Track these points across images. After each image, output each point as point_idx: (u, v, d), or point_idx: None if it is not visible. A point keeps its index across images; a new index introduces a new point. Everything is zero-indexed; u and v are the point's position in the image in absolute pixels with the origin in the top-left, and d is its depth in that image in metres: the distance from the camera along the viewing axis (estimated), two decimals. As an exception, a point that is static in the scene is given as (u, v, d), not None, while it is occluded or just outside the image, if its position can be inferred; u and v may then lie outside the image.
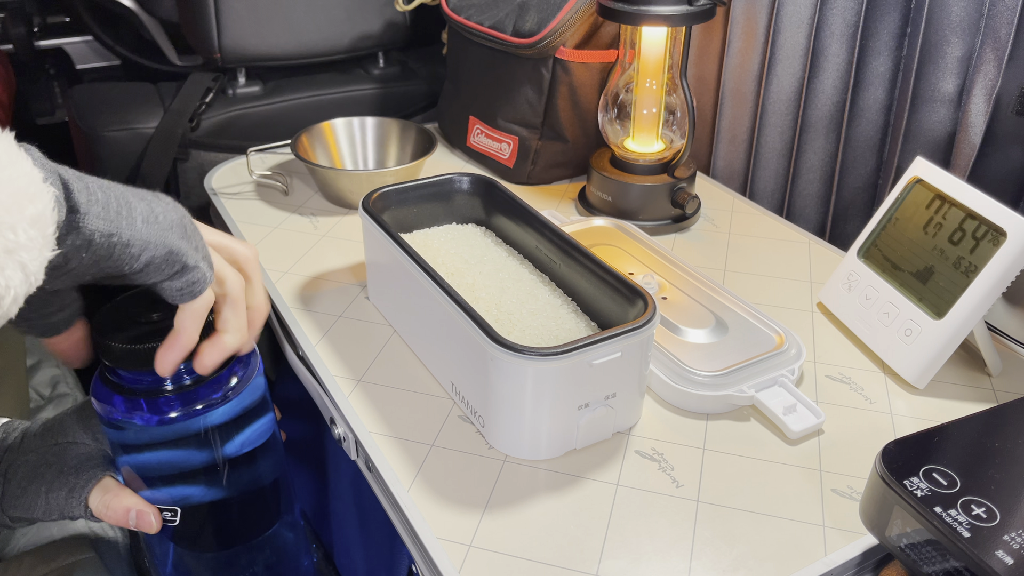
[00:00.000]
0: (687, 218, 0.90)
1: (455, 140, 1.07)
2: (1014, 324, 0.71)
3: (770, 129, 0.96)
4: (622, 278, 0.60)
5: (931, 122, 0.84)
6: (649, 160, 0.89)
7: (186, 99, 1.13)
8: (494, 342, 0.53)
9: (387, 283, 0.71)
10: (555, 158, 0.98)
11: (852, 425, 0.62)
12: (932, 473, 0.45)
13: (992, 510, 0.42)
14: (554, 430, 0.57)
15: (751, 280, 0.80)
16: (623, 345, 0.55)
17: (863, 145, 0.92)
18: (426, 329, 0.65)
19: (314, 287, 0.78)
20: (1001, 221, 0.62)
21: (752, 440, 0.61)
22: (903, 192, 0.70)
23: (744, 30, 0.95)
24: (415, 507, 0.54)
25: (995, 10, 0.75)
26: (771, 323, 0.68)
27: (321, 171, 0.90)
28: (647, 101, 0.88)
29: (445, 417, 0.62)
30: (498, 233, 0.74)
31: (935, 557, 0.42)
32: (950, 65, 0.81)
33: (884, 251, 0.71)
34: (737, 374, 0.63)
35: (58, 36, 1.62)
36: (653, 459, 0.59)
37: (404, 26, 1.22)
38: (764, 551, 0.52)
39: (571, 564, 0.51)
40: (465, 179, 0.75)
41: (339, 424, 0.63)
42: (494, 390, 0.56)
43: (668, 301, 0.72)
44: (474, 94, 1.02)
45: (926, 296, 0.66)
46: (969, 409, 0.63)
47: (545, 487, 0.56)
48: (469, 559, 0.51)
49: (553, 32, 0.90)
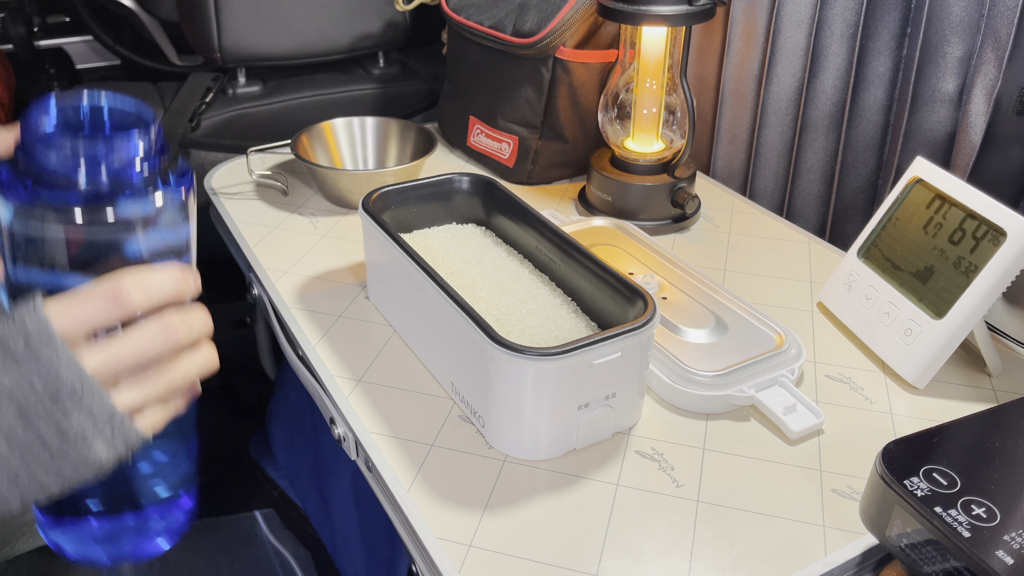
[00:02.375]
0: (687, 218, 0.90)
1: (455, 140, 1.07)
2: (1014, 324, 0.71)
3: (770, 129, 0.96)
4: (622, 278, 0.60)
5: (931, 122, 0.84)
6: (649, 160, 0.89)
7: (186, 99, 1.13)
8: (494, 342, 0.53)
9: (387, 283, 0.71)
10: (555, 158, 0.98)
11: (852, 425, 0.62)
12: (932, 473, 0.45)
13: (992, 510, 0.42)
14: (554, 430, 0.57)
15: (751, 280, 0.80)
16: (623, 345, 0.55)
17: (863, 145, 0.92)
18: (426, 329, 0.65)
19: (314, 287, 0.78)
20: (1001, 221, 0.62)
21: (752, 440, 0.61)
22: (903, 192, 0.70)
23: (744, 30, 0.95)
24: (415, 507, 0.54)
25: (995, 10, 0.75)
26: (771, 323, 0.68)
27: (321, 171, 0.90)
28: (647, 101, 0.88)
29: (445, 417, 0.62)
30: (498, 233, 0.74)
31: (935, 557, 0.42)
32: (950, 65, 0.81)
33: (884, 251, 0.71)
34: (737, 374, 0.63)
35: (58, 36, 1.62)
36: (653, 459, 0.59)
37: (404, 26, 1.22)
38: (764, 551, 0.52)
39: (571, 564, 0.51)
40: (465, 179, 0.75)
41: (339, 424, 0.63)
42: (494, 390, 0.56)
43: (668, 301, 0.72)
44: (474, 94, 1.02)
45: (926, 296, 0.66)
46: (969, 409, 0.63)
47: (545, 487, 0.56)
48: (469, 559, 0.51)
49: (553, 32, 0.90)
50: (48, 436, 0.39)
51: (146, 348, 0.41)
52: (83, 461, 0.40)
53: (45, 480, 0.40)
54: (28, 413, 0.39)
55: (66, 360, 0.39)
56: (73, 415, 0.39)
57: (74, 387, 0.39)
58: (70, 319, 0.40)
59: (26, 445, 0.39)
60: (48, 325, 0.39)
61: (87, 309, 0.40)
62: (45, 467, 0.39)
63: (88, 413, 0.40)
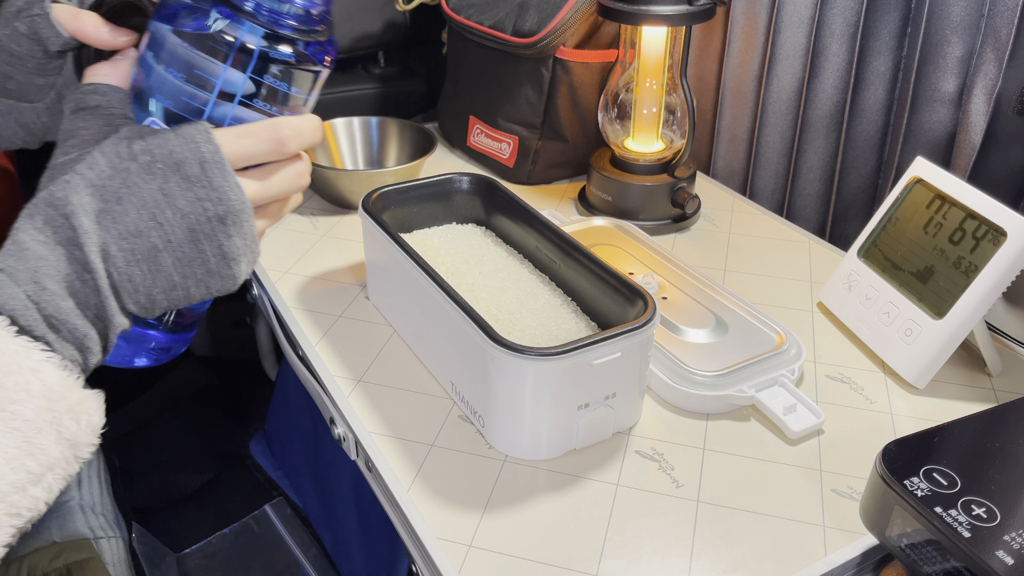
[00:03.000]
0: (687, 218, 0.90)
1: (455, 140, 1.07)
2: (1014, 324, 0.71)
3: (770, 129, 0.96)
4: (622, 278, 0.60)
5: (931, 122, 0.84)
6: (649, 160, 0.89)
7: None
8: (494, 342, 0.53)
9: (387, 283, 0.71)
10: (555, 158, 0.98)
11: (852, 425, 0.62)
12: (932, 473, 0.45)
13: (992, 510, 0.42)
14: (554, 430, 0.57)
15: (751, 280, 0.80)
16: (623, 345, 0.55)
17: (863, 145, 0.92)
18: (426, 329, 0.65)
19: (314, 287, 0.78)
20: (1001, 221, 0.62)
21: (752, 440, 0.61)
22: (903, 192, 0.70)
23: (744, 30, 0.95)
24: (415, 507, 0.54)
25: (995, 10, 0.75)
26: (771, 323, 0.68)
27: (321, 171, 0.90)
28: (647, 101, 0.88)
29: (445, 417, 0.62)
30: (498, 233, 0.74)
31: (935, 557, 0.42)
32: (950, 65, 0.81)
33: (884, 251, 0.71)
34: (737, 374, 0.63)
35: None
36: (653, 459, 0.59)
37: (404, 26, 1.22)
38: (764, 551, 0.52)
39: (571, 564, 0.51)
40: (465, 179, 0.75)
41: (339, 424, 0.63)
42: (494, 390, 0.56)
43: (668, 301, 0.72)
44: (474, 94, 1.02)
45: (926, 296, 0.66)
46: (969, 409, 0.63)
47: (545, 487, 0.56)
48: (469, 559, 0.51)
49: (553, 32, 0.90)
50: (210, 254, 0.44)
51: (284, 187, 0.47)
52: (231, 278, 0.45)
53: (195, 292, 0.44)
54: (197, 232, 0.43)
55: (235, 187, 0.43)
56: (235, 237, 0.44)
57: (239, 212, 0.43)
58: (238, 150, 0.44)
59: (188, 261, 0.43)
60: (220, 152, 0.43)
61: (251, 144, 0.44)
62: (198, 281, 0.44)
63: (244, 236, 0.44)
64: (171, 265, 0.43)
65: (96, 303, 0.41)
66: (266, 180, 0.46)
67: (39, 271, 0.39)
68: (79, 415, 0.39)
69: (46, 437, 0.37)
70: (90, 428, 0.40)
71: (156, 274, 0.43)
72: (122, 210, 0.41)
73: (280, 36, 0.45)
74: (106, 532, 0.70)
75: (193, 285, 0.44)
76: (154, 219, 0.42)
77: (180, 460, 1.19)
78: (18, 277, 0.39)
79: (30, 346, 0.38)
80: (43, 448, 0.37)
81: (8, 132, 0.56)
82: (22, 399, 0.36)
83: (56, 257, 0.40)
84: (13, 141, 0.57)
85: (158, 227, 0.42)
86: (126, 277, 0.42)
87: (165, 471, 1.16)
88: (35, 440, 0.37)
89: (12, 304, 0.38)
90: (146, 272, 0.42)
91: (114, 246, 0.41)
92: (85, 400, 0.39)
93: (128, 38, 0.51)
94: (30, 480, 0.37)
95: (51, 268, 0.39)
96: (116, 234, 0.41)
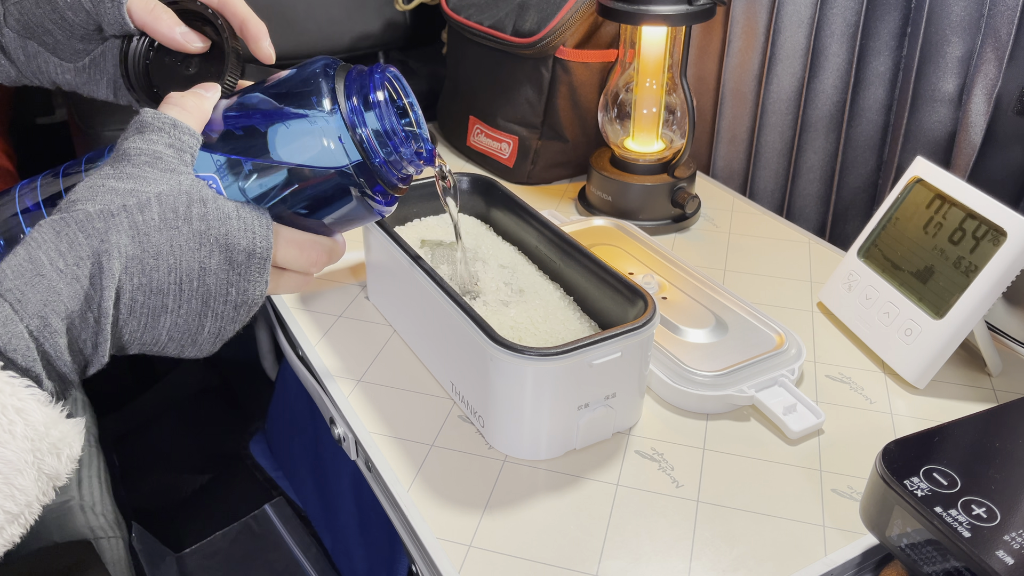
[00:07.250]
0: (687, 218, 0.90)
1: (455, 140, 1.07)
2: (1014, 324, 0.71)
3: (770, 129, 0.96)
4: (622, 278, 0.60)
5: (931, 122, 0.84)
6: (649, 160, 0.89)
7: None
8: (494, 342, 0.53)
9: (387, 283, 0.71)
10: (555, 158, 0.98)
11: (852, 425, 0.62)
12: (932, 473, 0.45)
13: (992, 510, 0.42)
14: (554, 430, 0.57)
15: (751, 280, 0.80)
16: (623, 345, 0.55)
17: (863, 145, 0.92)
18: (426, 329, 0.65)
19: (314, 287, 0.78)
20: (1001, 221, 0.62)
21: (752, 440, 0.61)
22: (903, 192, 0.70)
23: (744, 30, 0.95)
24: (415, 507, 0.54)
25: (995, 10, 0.75)
26: (771, 323, 0.68)
27: (321, 171, 0.90)
28: (647, 101, 0.88)
29: (445, 417, 0.62)
30: (498, 232, 0.74)
31: (935, 557, 0.42)
32: (950, 65, 0.81)
33: (884, 251, 0.71)
34: (737, 374, 0.63)
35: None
36: (653, 459, 0.59)
37: (404, 26, 1.22)
38: (764, 551, 0.52)
39: (571, 564, 0.51)
40: (465, 179, 0.75)
41: (339, 424, 0.63)
42: (494, 390, 0.56)
43: (668, 301, 0.72)
44: (474, 94, 1.02)
45: (926, 296, 0.66)
46: (969, 409, 0.63)
47: (545, 487, 0.56)
48: (469, 559, 0.51)
49: (553, 31, 0.90)
50: (208, 331, 0.44)
51: (309, 282, 0.50)
52: (207, 351, 0.45)
53: (168, 352, 0.45)
54: (208, 310, 0.43)
55: (263, 284, 0.44)
56: (236, 324, 0.45)
57: (253, 305, 0.44)
58: (282, 254, 0.46)
59: (184, 329, 0.43)
60: (270, 251, 0.44)
61: (295, 255, 0.46)
62: (179, 346, 0.44)
63: (241, 324, 0.45)
64: (166, 327, 0.42)
65: (92, 342, 0.40)
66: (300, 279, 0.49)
67: (48, 305, 0.38)
68: (60, 450, 0.37)
69: (26, 477, 0.36)
70: (70, 460, 0.38)
71: (147, 330, 0.42)
72: (155, 265, 0.40)
73: (379, 183, 0.47)
74: (106, 532, 0.70)
75: (172, 348, 0.44)
76: (179, 285, 0.41)
77: (180, 460, 1.19)
78: (25, 309, 0.37)
79: (15, 383, 0.36)
80: (22, 488, 0.36)
81: (27, 71, 0.54)
82: (5, 441, 0.35)
83: (70, 294, 0.38)
84: (9, 75, 0.55)
85: (179, 294, 0.42)
86: (122, 324, 0.41)
87: (165, 471, 1.16)
88: (15, 481, 0.35)
89: (15, 344, 0.36)
90: (142, 327, 0.41)
91: (127, 294, 0.40)
92: (67, 434, 0.38)
93: (201, 44, 0.51)
94: (7, 520, 0.35)
95: (61, 305, 0.38)
96: (137, 284, 0.40)
